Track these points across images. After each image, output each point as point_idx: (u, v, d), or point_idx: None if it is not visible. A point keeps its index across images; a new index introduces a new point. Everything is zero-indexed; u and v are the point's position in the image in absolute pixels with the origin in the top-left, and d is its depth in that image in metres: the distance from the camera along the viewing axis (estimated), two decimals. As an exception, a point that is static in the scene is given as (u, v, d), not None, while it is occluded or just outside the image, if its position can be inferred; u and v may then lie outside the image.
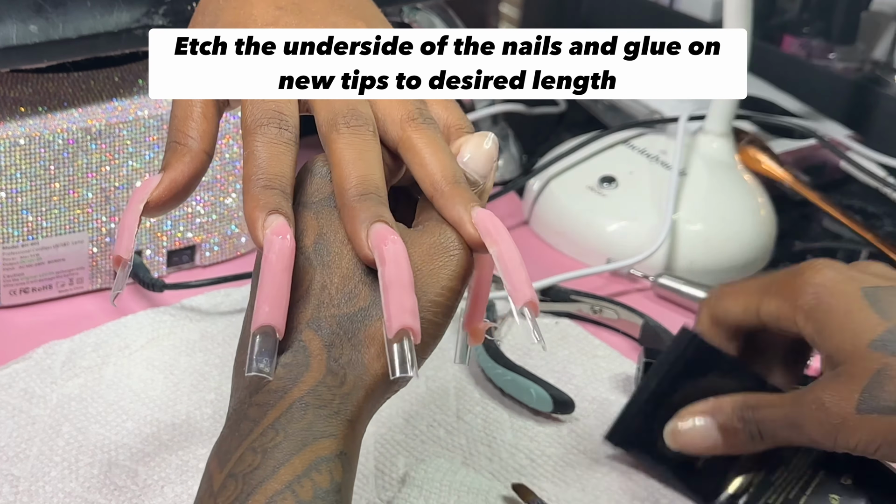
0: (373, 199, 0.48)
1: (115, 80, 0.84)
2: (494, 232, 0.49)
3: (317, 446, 0.45)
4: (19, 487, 0.66)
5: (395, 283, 0.46)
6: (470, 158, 0.52)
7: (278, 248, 0.47)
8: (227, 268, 0.88)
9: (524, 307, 0.48)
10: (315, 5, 0.54)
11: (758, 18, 0.92)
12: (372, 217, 0.48)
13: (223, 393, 0.75)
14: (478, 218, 0.49)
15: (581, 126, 1.08)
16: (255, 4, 0.54)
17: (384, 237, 0.47)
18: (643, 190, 0.95)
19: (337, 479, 0.45)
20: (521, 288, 0.48)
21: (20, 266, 0.81)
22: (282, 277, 0.46)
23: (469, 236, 0.49)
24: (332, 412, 0.46)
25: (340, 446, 0.46)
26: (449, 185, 0.50)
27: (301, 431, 0.45)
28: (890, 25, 1.15)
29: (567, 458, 0.72)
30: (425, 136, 0.51)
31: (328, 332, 0.47)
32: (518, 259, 0.49)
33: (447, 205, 0.50)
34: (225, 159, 0.86)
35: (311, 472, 0.44)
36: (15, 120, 0.78)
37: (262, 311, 0.46)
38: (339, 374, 0.46)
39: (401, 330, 0.45)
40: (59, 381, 0.75)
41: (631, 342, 0.85)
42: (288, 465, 0.44)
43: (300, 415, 0.45)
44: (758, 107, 1.08)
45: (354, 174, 0.49)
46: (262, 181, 0.48)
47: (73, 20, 0.76)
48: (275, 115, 0.50)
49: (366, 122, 0.51)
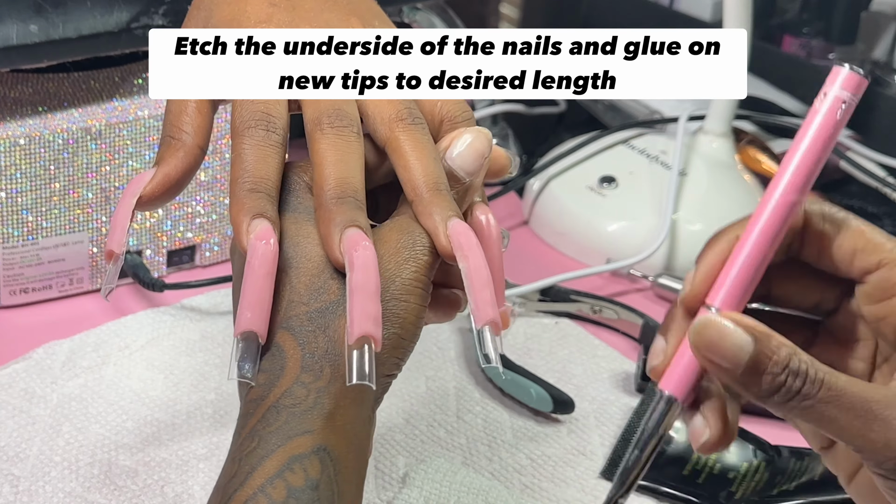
0: (349, 202, 0.48)
1: (115, 80, 0.84)
2: (466, 247, 0.49)
3: (290, 445, 0.45)
4: (19, 487, 0.66)
5: (361, 290, 0.46)
6: (458, 154, 0.51)
7: (261, 254, 0.47)
8: (227, 268, 0.88)
9: (484, 326, 0.48)
10: (309, 2, 0.54)
11: (758, 18, 0.92)
12: (346, 221, 0.48)
13: (223, 393, 0.75)
14: (452, 231, 0.49)
15: (581, 126, 1.08)
16: (248, 1, 0.54)
17: (356, 243, 0.47)
18: (643, 190, 0.95)
19: (313, 475, 0.44)
20: (483, 307, 0.48)
21: (20, 266, 0.81)
22: (263, 283, 0.46)
23: (441, 247, 0.49)
24: (307, 408, 0.46)
25: (317, 441, 0.45)
26: (429, 193, 0.50)
27: (274, 433, 0.45)
28: (890, 25, 1.15)
29: (567, 458, 0.72)
30: (412, 137, 0.51)
31: (300, 330, 0.47)
32: (485, 277, 0.49)
33: (424, 212, 0.49)
34: (225, 159, 0.86)
35: (284, 472, 0.44)
36: (15, 120, 0.78)
37: (244, 316, 0.46)
38: (314, 368, 0.46)
39: (362, 337, 0.45)
40: (59, 381, 0.74)
41: (631, 342, 0.85)
42: (260, 469, 0.44)
43: (274, 417, 0.45)
44: (758, 107, 1.08)
45: (333, 176, 0.49)
46: (247, 184, 0.49)
47: (73, 20, 0.76)
48: (263, 118, 0.50)
49: (350, 123, 0.50)
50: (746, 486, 0.70)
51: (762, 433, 0.73)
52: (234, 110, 0.51)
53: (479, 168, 0.52)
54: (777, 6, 1.19)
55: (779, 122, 1.06)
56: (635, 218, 0.94)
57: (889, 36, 1.15)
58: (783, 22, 1.18)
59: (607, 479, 0.71)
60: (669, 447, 0.72)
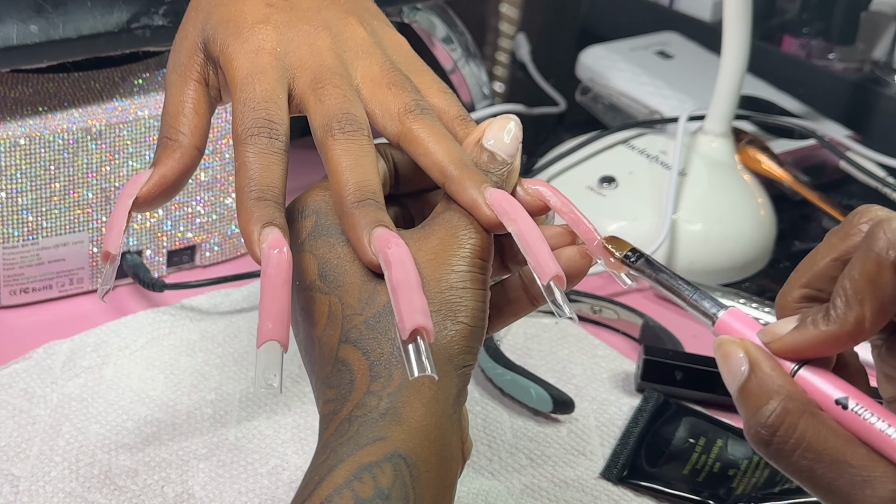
0: (370, 204, 0.48)
1: (115, 80, 0.84)
2: (511, 210, 0.48)
3: (361, 454, 0.44)
4: (19, 487, 0.66)
5: (403, 285, 0.46)
6: (496, 141, 0.51)
7: (276, 262, 0.47)
8: (227, 268, 0.88)
9: (551, 281, 0.47)
10: (306, 2, 0.54)
11: (758, 18, 0.92)
12: (372, 222, 0.48)
13: (223, 393, 0.75)
14: (492, 198, 0.49)
15: (581, 126, 1.08)
16: (245, 1, 0.54)
17: (387, 241, 0.47)
18: (643, 190, 0.95)
19: (384, 483, 0.44)
20: (545, 263, 0.48)
21: (20, 266, 0.81)
22: (281, 292, 0.46)
23: (485, 218, 0.49)
24: (379, 415, 0.45)
25: (391, 448, 0.45)
26: (458, 169, 0.49)
27: (345, 444, 0.45)
28: (890, 25, 1.15)
29: (567, 458, 0.72)
30: (425, 125, 0.51)
31: (361, 339, 0.47)
32: (538, 234, 0.48)
33: (459, 189, 0.49)
34: (225, 159, 0.86)
35: (352, 482, 0.44)
36: (15, 120, 0.79)
37: (266, 327, 0.46)
38: (383, 374, 0.46)
39: (414, 330, 0.45)
40: (59, 381, 0.75)
41: (631, 342, 0.85)
42: (328, 480, 0.44)
43: (346, 429, 0.45)
44: (757, 107, 1.08)
45: (352, 181, 0.49)
46: (254, 193, 0.49)
47: (74, 20, 0.76)
48: (265, 125, 0.50)
49: (360, 127, 0.50)
50: (747, 482, 0.70)
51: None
52: (235, 116, 0.51)
53: (516, 150, 0.52)
54: (777, 6, 1.19)
55: (779, 122, 1.06)
56: (635, 218, 0.94)
57: (889, 36, 1.15)
58: (783, 22, 1.18)
59: (607, 479, 0.71)
60: (670, 447, 0.72)
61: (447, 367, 0.47)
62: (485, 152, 0.51)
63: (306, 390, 0.76)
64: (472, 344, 0.48)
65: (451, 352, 0.47)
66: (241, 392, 0.75)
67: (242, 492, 0.67)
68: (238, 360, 0.78)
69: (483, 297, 0.49)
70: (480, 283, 0.49)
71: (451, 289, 0.48)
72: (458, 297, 0.48)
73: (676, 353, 0.80)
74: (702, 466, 0.71)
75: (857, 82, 1.13)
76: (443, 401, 0.47)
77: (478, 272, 0.49)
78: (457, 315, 0.48)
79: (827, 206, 0.98)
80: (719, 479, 0.70)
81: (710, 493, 0.69)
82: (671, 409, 0.75)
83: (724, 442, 0.72)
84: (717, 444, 0.72)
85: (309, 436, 0.72)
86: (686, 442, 0.72)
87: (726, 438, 0.72)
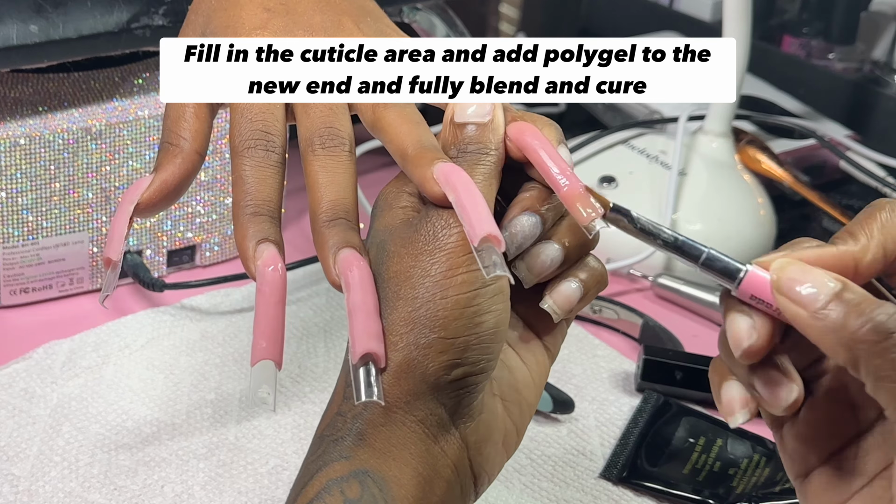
0: (341, 224, 0.48)
1: (115, 80, 0.84)
2: (456, 181, 0.46)
3: (328, 470, 0.46)
4: (19, 487, 0.66)
5: (360, 309, 0.46)
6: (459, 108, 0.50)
7: (270, 280, 0.47)
8: (227, 268, 0.88)
9: (484, 243, 0.44)
10: (302, 5, 0.54)
11: (758, 18, 0.92)
12: (340, 242, 0.48)
13: (223, 393, 0.75)
14: (440, 172, 0.47)
15: (581, 126, 1.08)
16: (244, 7, 0.54)
17: (350, 263, 0.47)
18: (643, 190, 0.95)
19: (351, 496, 0.45)
20: (477, 224, 0.45)
21: (20, 266, 0.81)
22: (275, 309, 0.46)
23: (432, 194, 0.47)
24: (343, 436, 0.47)
25: (355, 466, 0.46)
26: (414, 149, 0.49)
27: (314, 462, 0.47)
28: (890, 25, 1.15)
29: (567, 458, 0.72)
30: (396, 111, 0.50)
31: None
32: (477, 200, 0.46)
33: (411, 168, 0.48)
34: (225, 159, 0.86)
35: (322, 494, 0.46)
36: (15, 120, 0.79)
37: (260, 346, 0.46)
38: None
39: (365, 355, 0.45)
40: (59, 381, 0.75)
41: (631, 342, 0.85)
42: (303, 495, 0.46)
43: (317, 447, 0.48)
44: (757, 107, 1.08)
45: (326, 199, 0.49)
46: (250, 208, 0.49)
47: (73, 20, 0.76)
48: (262, 137, 0.50)
49: (341, 143, 0.50)
50: (747, 481, 0.70)
51: (762, 433, 0.73)
52: (233, 127, 0.51)
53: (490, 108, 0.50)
54: (777, 6, 1.19)
55: (779, 122, 1.06)
56: (635, 218, 0.93)
57: (889, 36, 1.15)
58: (783, 22, 1.18)
59: (607, 479, 0.71)
60: (670, 447, 0.72)
61: (420, 386, 0.47)
62: (462, 128, 0.49)
63: (306, 390, 0.76)
64: (454, 358, 0.46)
65: (424, 370, 0.46)
66: (241, 392, 0.75)
67: (242, 491, 0.68)
68: (238, 359, 0.78)
69: (465, 303, 0.46)
70: (460, 287, 0.46)
71: (426, 303, 0.46)
72: (433, 309, 0.46)
73: (676, 353, 0.80)
74: (702, 466, 0.71)
75: (856, 82, 1.13)
76: (414, 422, 0.47)
77: (461, 273, 0.46)
78: (430, 328, 0.46)
79: (827, 206, 0.98)
80: (719, 478, 0.70)
81: (711, 493, 0.69)
82: (671, 409, 0.75)
83: (724, 441, 0.72)
84: (717, 444, 0.72)
85: (309, 436, 0.72)
86: (686, 442, 0.72)
87: (726, 438, 0.72)
